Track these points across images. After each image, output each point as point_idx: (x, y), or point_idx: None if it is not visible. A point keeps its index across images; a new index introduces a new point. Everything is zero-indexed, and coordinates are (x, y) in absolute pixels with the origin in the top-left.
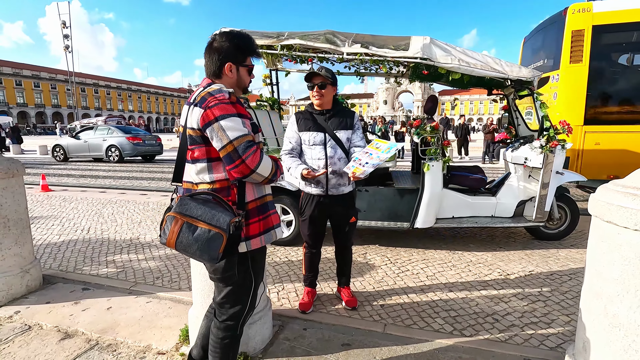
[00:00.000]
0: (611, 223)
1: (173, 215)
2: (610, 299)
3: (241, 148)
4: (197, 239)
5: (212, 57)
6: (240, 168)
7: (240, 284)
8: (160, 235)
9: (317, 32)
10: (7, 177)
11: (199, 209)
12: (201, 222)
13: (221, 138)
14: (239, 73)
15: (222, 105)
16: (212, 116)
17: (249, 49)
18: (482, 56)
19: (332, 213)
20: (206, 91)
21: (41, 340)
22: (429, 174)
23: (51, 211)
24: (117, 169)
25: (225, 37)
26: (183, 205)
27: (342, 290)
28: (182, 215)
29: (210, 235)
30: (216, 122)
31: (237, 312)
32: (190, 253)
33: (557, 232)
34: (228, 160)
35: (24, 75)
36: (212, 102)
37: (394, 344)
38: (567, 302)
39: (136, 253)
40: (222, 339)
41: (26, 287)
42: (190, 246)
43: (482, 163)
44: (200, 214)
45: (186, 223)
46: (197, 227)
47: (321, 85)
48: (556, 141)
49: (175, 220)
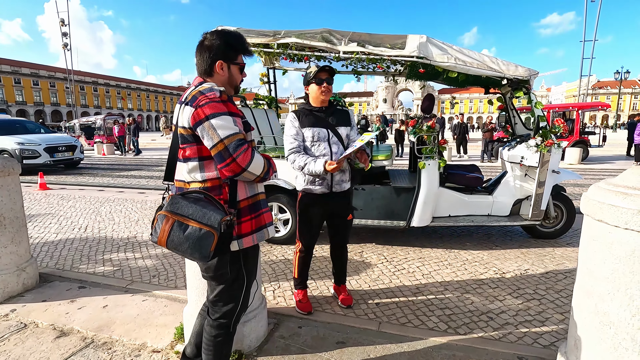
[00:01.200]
0: (602, 222)
1: (164, 214)
2: (601, 298)
3: (232, 147)
4: (188, 238)
5: (203, 55)
6: (231, 167)
7: (232, 283)
8: (152, 234)
9: (313, 31)
10: (2, 176)
11: (190, 207)
12: (192, 221)
13: (212, 137)
14: (230, 71)
15: (213, 104)
16: (203, 115)
17: (240, 47)
18: (478, 55)
19: (332, 211)
20: (197, 90)
21: (37, 339)
22: (425, 173)
23: (49, 209)
24: (116, 167)
25: (216, 36)
26: (174, 204)
27: (338, 289)
28: (173, 214)
29: (201, 233)
30: (207, 121)
31: (230, 310)
32: (181, 251)
33: (553, 231)
34: (219, 159)
35: (22, 74)
36: (203, 101)
37: (389, 342)
38: (562, 300)
39: (133, 251)
40: (215, 337)
41: (22, 285)
42: (181, 244)
43: (481, 162)
44: (191, 213)
45: (177, 222)
46: (188, 226)
47: (329, 81)
48: (552, 140)
49: (166, 219)
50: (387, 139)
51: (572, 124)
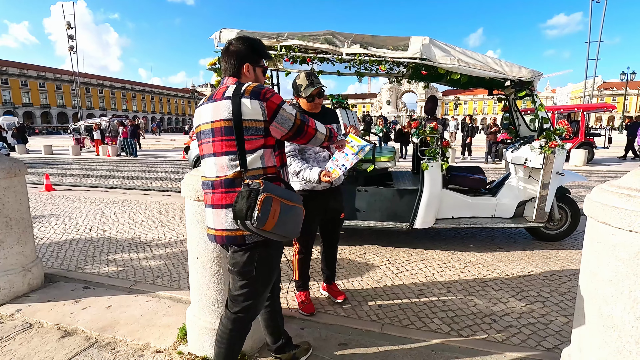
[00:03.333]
0: (606, 224)
1: (270, 196)
2: (605, 300)
3: (303, 119)
4: (292, 216)
5: (231, 59)
6: (309, 132)
7: (256, 279)
8: (257, 218)
9: (316, 33)
10: (9, 177)
11: (278, 189)
12: (288, 201)
13: (289, 118)
14: (256, 73)
15: (275, 95)
16: (275, 104)
17: (262, 51)
18: (481, 56)
19: (330, 207)
20: (251, 86)
21: (41, 338)
22: (428, 174)
23: (54, 210)
24: (120, 169)
25: (240, 42)
26: (271, 189)
27: (330, 287)
28: (276, 196)
29: (298, 211)
30: (280, 109)
31: (249, 305)
32: (283, 231)
33: (557, 233)
34: (299, 132)
35: (29, 76)
36: (268, 94)
37: (391, 344)
38: (566, 303)
39: (137, 252)
40: (230, 330)
41: (28, 285)
42: (287, 223)
43: (485, 163)
44: (281, 194)
45: (282, 202)
46: (289, 206)
47: (320, 94)
48: (556, 141)
49: (274, 200)
50: (390, 139)
51: (577, 126)
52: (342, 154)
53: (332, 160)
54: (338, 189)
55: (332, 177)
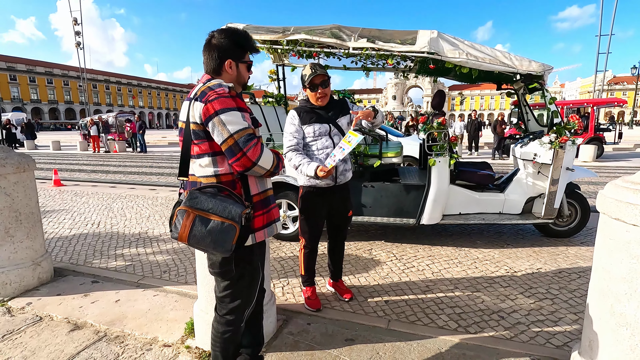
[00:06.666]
0: (619, 220)
1: (184, 209)
2: (618, 298)
3: (242, 141)
4: (210, 232)
5: (212, 54)
6: (242, 161)
7: (238, 279)
8: (172, 230)
9: (323, 27)
10: (18, 172)
11: (209, 201)
12: (213, 215)
13: (222, 132)
14: (239, 69)
15: (222, 99)
16: (213, 110)
17: (247, 45)
18: (491, 50)
19: (334, 205)
20: (206, 86)
21: (51, 331)
22: (435, 170)
23: (63, 205)
24: (127, 164)
25: (224, 35)
26: (193, 199)
27: (337, 284)
28: (194, 209)
29: (223, 227)
30: (216, 116)
31: (237, 306)
32: (203, 246)
33: (567, 230)
34: (229, 154)
35: (37, 72)
36: (212, 96)
37: (398, 340)
38: (575, 300)
39: (144, 247)
40: (222, 333)
41: (38, 279)
42: (204, 239)
43: (492, 159)
44: (211, 207)
45: (198, 216)
46: (210, 220)
47: (324, 84)
48: (566, 137)
49: (186, 214)
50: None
51: (587, 121)
52: (339, 149)
53: (331, 157)
54: (346, 186)
55: (327, 171)
